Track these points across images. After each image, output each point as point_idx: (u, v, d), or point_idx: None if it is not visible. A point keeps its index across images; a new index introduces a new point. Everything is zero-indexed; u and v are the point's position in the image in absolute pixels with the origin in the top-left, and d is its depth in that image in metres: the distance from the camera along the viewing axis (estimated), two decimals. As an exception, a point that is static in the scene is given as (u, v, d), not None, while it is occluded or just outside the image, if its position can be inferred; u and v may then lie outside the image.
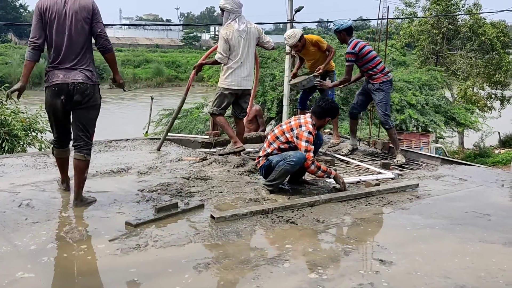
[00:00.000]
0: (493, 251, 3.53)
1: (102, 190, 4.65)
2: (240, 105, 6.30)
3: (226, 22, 5.98)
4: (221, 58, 5.99)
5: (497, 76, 27.65)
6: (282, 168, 4.64)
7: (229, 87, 6.06)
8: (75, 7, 4.05)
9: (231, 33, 5.92)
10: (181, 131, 15.51)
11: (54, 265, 3.14)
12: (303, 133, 4.69)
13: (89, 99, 4.14)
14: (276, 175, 4.68)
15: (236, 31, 5.93)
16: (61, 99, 4.06)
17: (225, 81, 6.07)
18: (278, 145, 4.84)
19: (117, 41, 69.84)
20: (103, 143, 6.78)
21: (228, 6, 5.93)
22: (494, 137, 26.99)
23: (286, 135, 4.82)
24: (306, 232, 3.78)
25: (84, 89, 4.09)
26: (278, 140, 4.85)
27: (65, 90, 4.05)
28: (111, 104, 38.85)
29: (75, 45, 4.07)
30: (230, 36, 5.92)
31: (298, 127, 4.77)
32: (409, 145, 15.45)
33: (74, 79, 4.05)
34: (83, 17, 4.07)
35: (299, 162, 4.63)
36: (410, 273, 3.10)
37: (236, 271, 3.05)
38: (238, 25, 5.96)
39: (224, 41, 5.94)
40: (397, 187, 4.97)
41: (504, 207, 4.66)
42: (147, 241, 3.44)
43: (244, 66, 6.06)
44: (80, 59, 4.10)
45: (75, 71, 4.07)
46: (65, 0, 4.07)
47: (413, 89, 17.75)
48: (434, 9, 27.20)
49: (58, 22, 4.04)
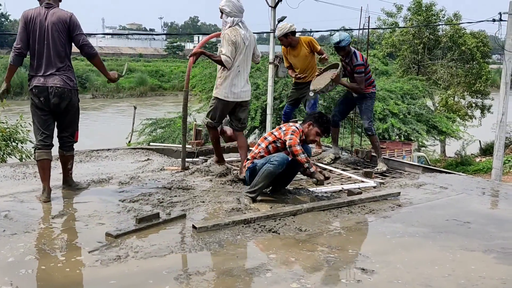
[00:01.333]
0: (473, 258, 3.56)
1: (82, 201, 4.60)
2: (238, 115, 5.74)
3: (228, 25, 5.47)
4: (228, 61, 5.34)
5: (477, 85, 28.13)
6: (265, 170, 4.63)
7: (225, 99, 5.52)
8: (53, 19, 4.47)
9: (238, 37, 5.40)
10: (164, 140, 15.45)
11: (32, 277, 3.08)
12: (290, 127, 4.83)
13: (67, 103, 4.59)
14: (259, 178, 4.67)
15: (242, 36, 5.43)
16: (40, 100, 4.50)
17: (222, 92, 5.51)
18: (266, 145, 4.89)
19: (100, 51, 69.40)
20: (84, 153, 6.71)
21: (227, 8, 5.45)
22: (475, 145, 27.37)
23: (274, 134, 4.91)
24: (288, 241, 3.77)
25: (61, 92, 4.52)
26: (266, 140, 4.94)
27: (44, 93, 4.48)
28: (93, 114, 38.57)
29: (54, 54, 4.49)
30: (236, 40, 5.38)
31: (286, 125, 4.99)
32: (391, 154, 15.59)
33: (52, 83, 4.48)
34: (59, 29, 4.47)
35: (282, 163, 4.62)
36: (392, 282, 3.11)
37: (217, 282, 3.03)
38: (242, 30, 5.47)
39: (231, 44, 5.35)
40: (379, 196, 5.00)
41: (484, 215, 4.71)
42: (128, 252, 3.40)
43: (242, 75, 5.55)
44: (59, 66, 4.53)
45: (54, 77, 4.50)
46: (47, 12, 4.47)
47: (395, 98, 17.94)
48: (415, 19, 27.63)
49: (40, 32, 4.45)
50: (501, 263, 3.48)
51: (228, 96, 5.51)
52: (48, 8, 4.51)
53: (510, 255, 3.64)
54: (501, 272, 3.31)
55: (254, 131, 17.59)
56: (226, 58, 5.35)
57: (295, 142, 4.65)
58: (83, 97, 46.84)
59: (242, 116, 5.77)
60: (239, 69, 5.50)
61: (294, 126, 4.87)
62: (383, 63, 27.34)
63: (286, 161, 4.66)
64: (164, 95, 52.32)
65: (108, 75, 4.90)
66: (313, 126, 4.86)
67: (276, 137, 4.88)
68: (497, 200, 5.55)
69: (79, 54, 4.75)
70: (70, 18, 4.53)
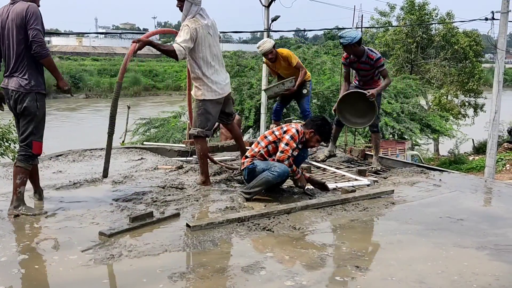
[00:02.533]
0: (466, 255, 3.57)
1: (75, 200, 4.58)
2: (225, 111, 5.38)
3: (189, 16, 4.95)
4: (182, 51, 4.78)
5: (470, 84, 28.28)
6: (264, 177, 4.66)
7: (214, 97, 5.08)
8: (12, 15, 4.09)
9: (200, 28, 4.90)
10: (158, 140, 15.42)
11: (25, 277, 3.06)
12: (291, 129, 4.83)
13: (21, 106, 4.14)
14: (257, 182, 4.68)
15: (204, 26, 4.94)
16: (7, 102, 4.28)
17: (207, 91, 5.05)
18: (265, 144, 4.89)
19: (94, 50, 69.26)
20: (77, 153, 6.68)
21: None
22: (468, 144, 27.52)
23: (275, 133, 4.90)
24: (282, 239, 3.77)
25: (16, 96, 4.14)
26: (266, 139, 4.92)
27: (7, 96, 4.22)
28: (87, 114, 38.46)
29: (15, 53, 4.12)
30: (200, 33, 4.89)
31: (289, 125, 4.98)
32: (385, 153, 15.62)
33: (11, 86, 4.15)
34: (17, 25, 4.07)
35: (282, 175, 4.71)
36: (386, 279, 3.11)
37: (211, 280, 3.02)
38: (204, 20, 4.99)
39: (190, 36, 4.82)
40: (373, 194, 5.01)
41: (477, 212, 4.73)
42: (121, 251, 3.39)
43: (219, 68, 5.13)
44: (18, 67, 4.13)
45: (13, 78, 4.15)
46: (9, 9, 4.14)
47: (388, 97, 18.00)
48: (408, 19, 27.72)
49: (3, 32, 4.16)
50: (494, 260, 3.49)
51: (217, 93, 5.08)
52: (12, 4, 4.15)
53: (503, 252, 3.66)
54: (494, 268, 3.32)
55: (248, 131, 17.59)
56: (178, 47, 4.79)
57: (284, 157, 4.72)
58: (77, 97, 46.77)
59: (231, 110, 5.47)
60: (213, 63, 5.04)
61: (295, 129, 4.84)
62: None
63: (286, 174, 4.74)
64: (158, 94, 52.24)
65: (61, 81, 4.34)
66: (315, 134, 4.89)
67: (276, 137, 4.88)
68: (490, 198, 5.58)
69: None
70: (27, 9, 4.05)
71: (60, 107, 39.33)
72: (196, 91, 5.14)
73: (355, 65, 6.32)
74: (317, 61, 18.27)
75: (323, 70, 17.66)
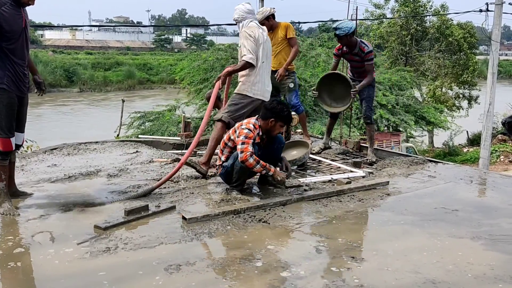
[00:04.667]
0: (461, 245, 3.60)
1: (70, 193, 4.56)
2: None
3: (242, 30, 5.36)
4: (252, 58, 5.17)
5: (465, 76, 28.29)
6: (239, 167, 4.57)
7: (254, 96, 5.30)
8: None
9: (256, 32, 5.26)
10: (153, 133, 15.37)
11: (21, 270, 3.06)
12: (242, 130, 4.56)
13: None
14: (236, 175, 4.65)
15: (260, 30, 5.35)
16: None
17: (250, 88, 5.30)
18: (228, 151, 4.77)
19: (87, 44, 68.92)
20: (72, 146, 6.66)
21: (236, 15, 5.44)
22: (463, 136, 27.60)
23: (231, 138, 4.72)
24: (278, 231, 3.78)
25: None
26: (227, 146, 4.78)
27: None
28: (80, 108, 38.29)
29: None
30: (257, 35, 5.24)
31: (239, 126, 4.69)
32: (380, 145, 15.66)
33: None
34: None
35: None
36: (381, 269, 3.13)
37: (208, 272, 3.03)
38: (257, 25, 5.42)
39: (252, 40, 5.19)
40: (368, 185, 5.02)
41: (472, 203, 4.75)
42: (117, 243, 3.39)
43: (266, 72, 5.43)
44: None
45: None
46: None
47: (383, 89, 18.00)
48: (403, 11, 27.66)
49: None
50: (488, 250, 3.52)
51: (256, 94, 5.32)
52: None
53: (497, 242, 3.68)
54: (489, 258, 3.35)
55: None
56: (250, 56, 5.17)
57: (246, 156, 4.43)
58: (71, 90, 46.60)
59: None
60: (263, 64, 5.31)
61: (247, 129, 4.56)
62: (371, 54, 27.33)
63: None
64: (152, 88, 52.02)
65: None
66: (276, 121, 4.65)
67: (234, 143, 4.67)
68: (484, 188, 5.60)
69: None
70: None
71: (52, 101, 39.14)
72: (240, 85, 5.37)
73: (348, 56, 6.41)
74: (312, 53, 18.21)
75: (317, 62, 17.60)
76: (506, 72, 68.64)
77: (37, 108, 32.10)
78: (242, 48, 5.27)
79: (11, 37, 3.95)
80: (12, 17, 3.95)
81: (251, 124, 4.63)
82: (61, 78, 47.06)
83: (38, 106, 33.23)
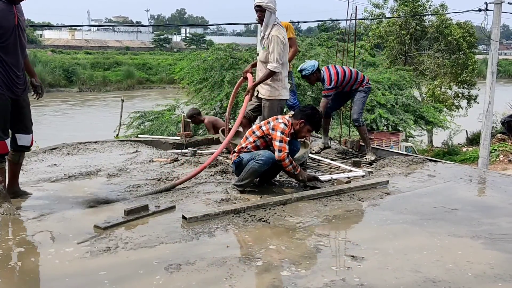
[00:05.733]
0: (461, 244, 3.60)
1: (70, 193, 4.56)
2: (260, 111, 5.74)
3: (270, 25, 5.34)
4: (278, 67, 5.31)
5: (464, 75, 28.31)
6: (250, 167, 4.63)
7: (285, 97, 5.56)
8: None
9: (285, 36, 5.37)
10: (153, 133, 15.36)
11: (22, 269, 3.06)
12: (279, 125, 4.70)
13: None
14: (245, 174, 4.67)
15: (284, 31, 5.39)
16: None
17: (284, 92, 5.50)
18: (254, 139, 4.82)
19: (86, 44, 68.89)
20: (71, 146, 6.65)
21: (272, 5, 5.29)
22: (462, 135, 27.62)
23: (262, 128, 4.81)
24: (278, 230, 3.78)
25: None
26: (254, 134, 4.85)
27: None
28: (80, 107, 38.28)
29: None
30: (285, 40, 5.35)
31: (275, 119, 4.82)
32: (379, 144, 15.67)
33: None
34: None
35: (268, 162, 4.63)
36: (381, 268, 3.13)
37: (208, 271, 3.03)
38: (280, 24, 5.44)
39: (283, 47, 5.26)
40: (368, 184, 5.03)
41: (471, 202, 4.76)
42: (117, 243, 3.39)
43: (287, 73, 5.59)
44: None
45: None
46: None
47: (382, 89, 18.01)
48: (402, 10, 27.67)
49: None
50: (488, 249, 3.52)
51: (286, 94, 5.50)
52: None
53: (497, 241, 3.69)
54: (489, 257, 3.35)
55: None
56: (274, 65, 5.28)
57: (284, 156, 4.61)
58: (70, 90, 46.56)
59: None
60: (286, 67, 5.45)
61: (283, 123, 4.71)
62: (370, 54, 27.39)
63: (271, 161, 4.65)
64: (151, 88, 52.00)
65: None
66: (306, 124, 4.79)
67: (263, 132, 4.79)
68: (484, 188, 5.61)
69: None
70: None
71: (52, 100, 39.13)
72: (272, 91, 5.47)
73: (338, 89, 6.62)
74: (311, 53, 18.21)
75: (317, 62, 17.64)
76: (505, 71, 68.72)
77: (37, 108, 32.08)
78: (271, 54, 5.31)
79: (1, 35, 3.82)
80: (2, 13, 3.81)
81: (286, 120, 4.79)
82: (60, 78, 47.02)
83: (38, 106, 33.21)
